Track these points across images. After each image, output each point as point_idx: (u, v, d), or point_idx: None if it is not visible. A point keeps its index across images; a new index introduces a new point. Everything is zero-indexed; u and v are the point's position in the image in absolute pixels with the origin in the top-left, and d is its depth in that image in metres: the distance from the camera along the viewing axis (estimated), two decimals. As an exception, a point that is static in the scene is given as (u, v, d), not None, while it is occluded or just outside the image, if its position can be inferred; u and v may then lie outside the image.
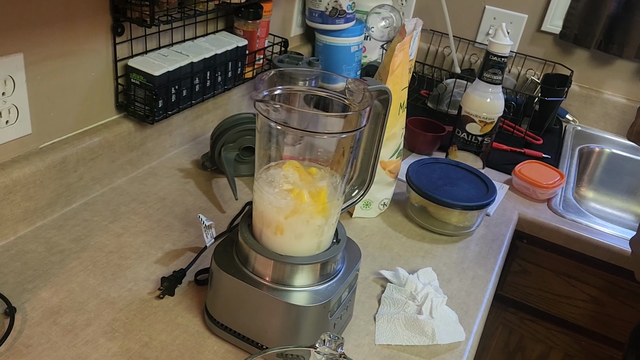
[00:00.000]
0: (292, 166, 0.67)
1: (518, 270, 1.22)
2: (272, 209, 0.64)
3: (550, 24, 1.58)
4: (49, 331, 0.69)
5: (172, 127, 1.09)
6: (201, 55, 1.02)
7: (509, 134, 1.44)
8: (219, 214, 0.96)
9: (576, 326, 1.22)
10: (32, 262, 0.79)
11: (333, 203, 0.66)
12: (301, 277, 0.66)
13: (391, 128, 0.95)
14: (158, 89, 0.94)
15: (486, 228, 1.05)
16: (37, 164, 0.83)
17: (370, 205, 1.01)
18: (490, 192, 1.01)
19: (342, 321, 0.73)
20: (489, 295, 0.89)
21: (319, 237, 0.66)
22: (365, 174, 0.76)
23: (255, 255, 0.67)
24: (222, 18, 1.16)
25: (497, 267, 0.95)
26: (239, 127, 1.03)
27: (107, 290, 0.77)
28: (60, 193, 0.88)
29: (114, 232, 0.88)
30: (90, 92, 0.92)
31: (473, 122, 1.16)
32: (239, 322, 0.69)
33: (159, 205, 0.96)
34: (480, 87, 1.15)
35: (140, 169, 1.04)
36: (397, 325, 0.77)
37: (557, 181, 1.17)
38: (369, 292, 0.84)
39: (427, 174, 1.04)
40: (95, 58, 0.90)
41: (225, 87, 1.14)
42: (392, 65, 0.90)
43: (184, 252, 0.86)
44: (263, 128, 0.65)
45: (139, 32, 0.96)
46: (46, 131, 0.87)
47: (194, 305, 0.76)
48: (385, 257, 0.93)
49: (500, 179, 1.22)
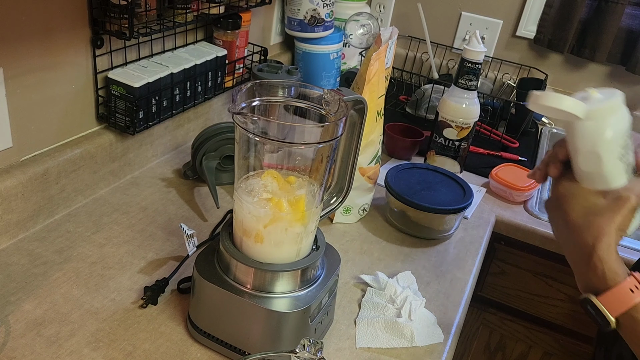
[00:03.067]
0: (271, 175, 0.69)
1: (497, 272, 1.24)
2: (252, 218, 0.66)
3: (525, 29, 1.62)
4: (33, 343, 0.70)
5: (154, 137, 1.10)
6: (181, 66, 1.04)
7: (486, 137, 1.47)
8: (201, 223, 0.98)
9: (554, 325, 1.25)
10: (15, 275, 0.80)
11: (312, 211, 0.67)
12: (281, 283, 0.68)
13: (369, 135, 0.97)
14: (138, 100, 0.95)
15: (464, 231, 1.07)
16: (19, 176, 0.84)
17: (351, 211, 1.03)
18: (467, 196, 1.04)
19: (323, 326, 0.75)
20: (467, 297, 0.91)
21: (298, 244, 0.68)
22: (343, 181, 0.77)
23: (236, 264, 0.68)
24: (202, 28, 1.18)
25: (475, 269, 0.98)
26: (219, 136, 1.04)
27: (91, 300, 0.77)
28: (42, 205, 0.89)
29: (97, 242, 0.89)
30: (71, 105, 0.93)
31: (450, 127, 1.19)
32: (221, 330, 0.70)
33: (141, 215, 0.97)
34: (456, 93, 1.17)
35: (122, 180, 1.05)
36: (377, 328, 0.78)
37: (532, 183, 1.20)
38: (349, 296, 0.86)
39: (406, 179, 1.06)
40: (75, 71, 0.91)
41: (206, 97, 1.15)
42: (369, 74, 0.92)
43: (167, 261, 0.87)
44: (241, 139, 0.66)
45: (118, 44, 0.97)
46: (27, 144, 0.87)
47: (177, 314, 0.77)
48: (366, 262, 0.94)
49: (477, 182, 1.25)
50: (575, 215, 0.62)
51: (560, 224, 0.64)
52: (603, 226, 0.59)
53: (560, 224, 0.64)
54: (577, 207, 0.62)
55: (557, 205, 0.65)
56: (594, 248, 0.59)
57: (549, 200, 0.67)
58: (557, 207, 0.65)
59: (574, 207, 0.62)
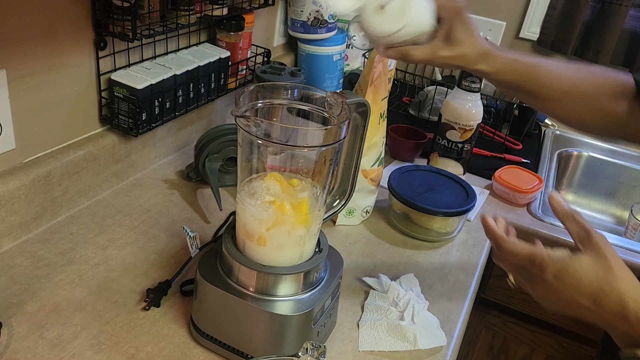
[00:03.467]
0: (273, 178, 0.69)
1: (500, 274, 1.24)
2: (254, 220, 0.66)
3: (528, 31, 1.62)
4: (36, 345, 0.70)
5: (157, 138, 1.10)
6: (184, 68, 1.04)
7: (489, 139, 1.46)
8: (204, 225, 0.98)
9: (558, 327, 1.25)
10: (17, 277, 0.80)
11: (314, 214, 0.67)
12: (284, 286, 0.68)
13: (372, 137, 0.97)
14: (141, 102, 0.95)
15: (467, 233, 1.07)
16: (22, 178, 0.84)
17: (353, 213, 1.03)
18: (470, 198, 1.03)
19: (325, 329, 0.75)
20: (470, 300, 0.91)
21: (300, 247, 0.68)
22: (346, 184, 0.77)
23: (238, 266, 0.68)
24: (205, 30, 1.17)
25: (478, 271, 0.97)
26: (222, 137, 1.04)
27: (93, 303, 0.77)
28: (45, 207, 0.89)
29: (100, 244, 0.89)
30: (74, 106, 0.93)
31: (453, 129, 1.19)
32: (224, 332, 0.70)
33: (144, 217, 0.97)
34: (459, 95, 1.17)
35: (125, 181, 1.05)
36: (380, 331, 0.78)
37: (535, 186, 1.19)
38: (352, 299, 0.85)
39: (409, 182, 1.06)
40: (78, 72, 0.91)
41: (209, 99, 1.15)
42: (372, 77, 0.92)
43: (170, 263, 0.87)
44: (244, 142, 0.66)
45: (121, 46, 0.97)
46: (30, 146, 0.87)
47: (180, 316, 0.77)
48: (369, 264, 0.94)
49: (481, 184, 1.25)
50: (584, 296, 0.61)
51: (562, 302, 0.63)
52: (617, 287, 0.59)
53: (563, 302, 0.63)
54: (583, 288, 0.61)
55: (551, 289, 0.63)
56: (623, 308, 0.59)
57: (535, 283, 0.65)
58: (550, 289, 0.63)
59: (578, 289, 0.61)
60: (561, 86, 0.76)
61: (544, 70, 0.75)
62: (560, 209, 0.67)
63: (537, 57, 0.76)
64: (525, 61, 0.74)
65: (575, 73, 0.78)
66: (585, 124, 0.81)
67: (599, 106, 0.77)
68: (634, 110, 0.76)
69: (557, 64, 0.77)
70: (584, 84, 0.77)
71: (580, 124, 0.81)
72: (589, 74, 0.78)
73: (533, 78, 0.75)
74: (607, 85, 0.77)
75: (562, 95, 0.76)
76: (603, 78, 0.78)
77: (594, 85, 0.77)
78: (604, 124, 0.79)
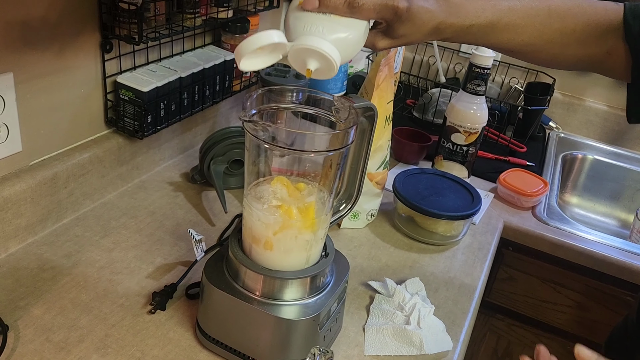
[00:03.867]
0: (280, 182, 0.69)
1: (504, 277, 1.24)
2: (261, 225, 0.66)
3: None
4: (42, 348, 0.70)
5: (161, 140, 1.10)
6: (189, 70, 1.04)
7: (493, 142, 1.46)
8: (209, 227, 0.98)
9: (562, 331, 1.25)
10: (24, 279, 0.80)
11: (321, 218, 0.67)
12: (291, 291, 0.68)
13: (377, 140, 0.97)
14: (147, 105, 0.95)
15: (472, 237, 1.07)
16: (28, 181, 0.84)
17: (358, 216, 1.02)
18: (475, 202, 1.03)
19: (331, 333, 0.75)
20: (475, 304, 0.90)
21: (307, 251, 0.68)
22: (353, 188, 0.77)
23: (245, 270, 0.68)
24: (210, 32, 1.18)
25: (483, 275, 0.97)
26: (227, 140, 1.04)
27: (99, 306, 0.77)
28: (51, 209, 0.89)
29: (105, 247, 0.89)
30: (80, 109, 0.93)
31: (458, 132, 1.19)
32: (230, 336, 0.70)
33: (149, 220, 0.97)
34: (464, 98, 1.17)
35: (130, 183, 1.05)
36: (385, 335, 0.78)
37: (540, 189, 1.19)
38: (357, 303, 0.85)
39: (414, 185, 1.06)
40: (84, 75, 0.91)
41: (214, 101, 1.15)
42: (378, 80, 0.92)
43: (175, 266, 0.87)
44: (251, 145, 0.66)
45: (127, 49, 0.97)
46: (36, 148, 0.87)
47: (186, 320, 0.77)
48: (374, 268, 0.94)
49: (485, 187, 1.24)
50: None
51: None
52: None
53: None
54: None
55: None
56: None
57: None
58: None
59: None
60: (522, 40, 0.70)
61: (502, 27, 0.68)
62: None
63: (498, 9, 0.68)
64: (480, 23, 0.67)
65: (542, 21, 0.70)
66: (553, 64, 0.76)
67: (568, 52, 0.72)
68: (615, 49, 0.71)
69: (521, 14, 0.69)
70: (550, 34, 0.70)
71: (548, 64, 0.77)
72: (559, 19, 0.70)
73: (489, 38, 0.69)
74: (581, 29, 0.70)
75: (524, 48, 0.71)
76: (577, 20, 0.70)
77: (564, 31, 0.70)
78: (575, 63, 0.74)
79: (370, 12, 0.60)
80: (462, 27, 0.66)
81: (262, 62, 0.61)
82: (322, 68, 0.60)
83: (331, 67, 0.59)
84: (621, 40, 0.70)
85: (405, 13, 0.61)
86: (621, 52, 0.71)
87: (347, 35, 0.60)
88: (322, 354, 0.56)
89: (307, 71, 0.60)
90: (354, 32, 0.61)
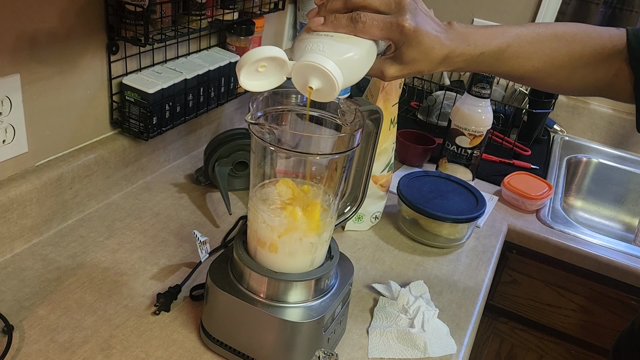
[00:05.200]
0: (285, 184, 0.69)
1: (508, 281, 1.24)
2: (266, 227, 0.66)
3: (538, 36, 1.61)
4: (47, 349, 0.70)
5: (166, 142, 1.10)
6: (194, 72, 1.04)
7: (498, 145, 1.46)
8: (213, 229, 0.98)
9: (566, 335, 1.24)
10: (29, 280, 0.80)
11: (326, 221, 0.67)
12: (295, 293, 0.68)
13: (382, 143, 0.97)
14: (152, 106, 0.96)
15: (476, 240, 1.07)
16: (34, 181, 0.84)
17: (362, 219, 1.03)
18: (479, 205, 1.03)
19: (335, 335, 0.75)
20: (479, 307, 0.90)
21: (312, 254, 0.68)
22: (358, 190, 0.77)
23: (249, 272, 0.68)
24: (215, 34, 1.18)
25: (487, 278, 0.97)
26: (232, 142, 1.04)
27: (104, 307, 0.78)
28: (56, 210, 0.89)
29: (110, 248, 0.89)
30: (86, 110, 0.93)
31: (462, 135, 1.19)
32: (234, 338, 0.70)
33: (153, 221, 0.97)
34: (469, 101, 1.17)
35: (135, 185, 1.05)
36: (389, 338, 0.78)
37: (545, 192, 1.19)
38: (361, 305, 0.85)
39: (418, 187, 1.06)
40: (90, 76, 0.92)
41: (219, 103, 1.15)
42: (383, 83, 0.92)
43: (179, 268, 0.87)
44: (257, 148, 0.66)
45: (133, 50, 0.97)
46: (42, 149, 0.88)
47: (190, 321, 0.77)
48: (378, 270, 0.94)
49: (489, 190, 1.24)
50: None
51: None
52: None
53: None
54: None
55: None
56: None
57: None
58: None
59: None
60: (532, 65, 0.71)
61: (512, 53, 0.69)
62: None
63: (506, 36, 0.68)
64: (490, 50, 0.67)
65: (550, 46, 0.71)
66: (562, 90, 0.78)
67: (577, 76, 0.73)
68: (621, 71, 0.72)
69: (529, 39, 0.70)
70: (559, 58, 0.71)
71: (557, 90, 0.79)
72: (567, 44, 0.71)
73: (500, 65, 0.70)
74: (588, 53, 0.71)
75: (534, 74, 0.72)
76: (584, 45, 0.72)
77: (573, 56, 0.71)
78: (584, 88, 0.75)
79: (374, 30, 0.60)
80: (472, 55, 0.66)
81: (265, 83, 0.60)
82: (324, 88, 0.59)
83: (333, 86, 0.58)
84: (626, 63, 0.71)
85: (412, 33, 0.60)
86: (627, 74, 0.72)
87: (352, 55, 0.59)
88: (326, 356, 0.56)
89: (308, 89, 0.59)
90: (357, 52, 0.60)
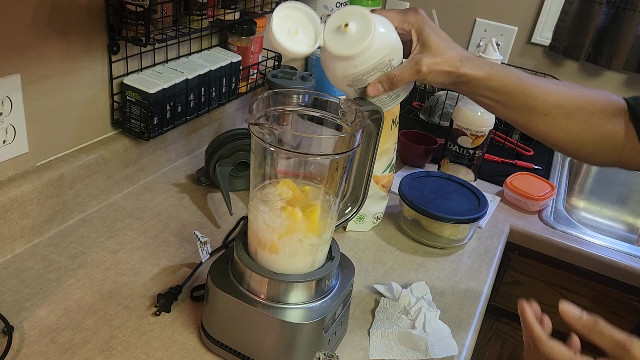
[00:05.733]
0: (286, 185, 0.68)
1: (510, 281, 1.23)
2: (267, 228, 0.65)
3: (540, 36, 1.61)
4: (47, 350, 0.70)
5: (167, 142, 1.10)
6: (196, 72, 1.04)
7: (500, 145, 1.46)
8: (214, 229, 0.97)
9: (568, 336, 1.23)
10: (29, 280, 0.80)
11: (327, 222, 0.67)
12: (296, 294, 0.67)
13: (384, 143, 0.97)
14: (153, 106, 0.95)
15: (478, 240, 1.06)
16: (34, 182, 0.84)
17: (364, 219, 1.02)
18: (481, 205, 1.03)
19: (336, 337, 0.74)
20: (481, 309, 0.90)
21: (312, 255, 0.68)
22: (358, 191, 0.77)
23: (250, 273, 0.68)
24: (216, 34, 1.18)
25: (489, 279, 0.97)
26: (233, 142, 1.04)
27: (104, 307, 0.77)
28: (57, 210, 0.89)
29: (111, 248, 0.89)
30: (87, 110, 0.93)
31: (464, 135, 1.18)
32: (235, 339, 0.70)
33: (154, 221, 0.97)
34: (471, 101, 1.16)
35: (136, 185, 1.05)
36: (391, 340, 0.78)
37: (547, 193, 1.19)
38: (363, 306, 0.85)
39: (420, 188, 1.06)
40: (91, 76, 0.91)
41: (220, 103, 1.15)
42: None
43: (180, 268, 0.87)
44: (257, 148, 0.66)
45: (134, 50, 0.97)
46: (43, 149, 0.88)
47: (190, 322, 0.77)
48: (379, 271, 0.94)
49: (492, 191, 1.24)
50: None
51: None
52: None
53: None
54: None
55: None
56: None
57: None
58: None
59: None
60: (554, 99, 0.72)
61: (532, 83, 0.72)
62: (579, 323, 0.57)
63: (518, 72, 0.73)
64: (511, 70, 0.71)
65: (565, 89, 0.74)
66: (581, 144, 0.76)
67: (594, 123, 0.74)
68: (629, 131, 0.74)
69: (542, 80, 0.74)
70: (576, 100, 0.74)
71: (576, 144, 0.77)
72: (580, 92, 0.75)
73: (524, 90, 0.71)
74: (600, 104, 0.75)
75: (556, 110, 0.73)
76: (594, 97, 0.75)
77: (587, 101, 0.74)
78: (601, 145, 0.76)
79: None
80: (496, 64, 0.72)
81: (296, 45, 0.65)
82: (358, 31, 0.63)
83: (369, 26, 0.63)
84: (630, 121, 0.75)
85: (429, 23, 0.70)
86: (633, 133, 0.74)
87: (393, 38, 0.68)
88: (327, 357, 0.56)
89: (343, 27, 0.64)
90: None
